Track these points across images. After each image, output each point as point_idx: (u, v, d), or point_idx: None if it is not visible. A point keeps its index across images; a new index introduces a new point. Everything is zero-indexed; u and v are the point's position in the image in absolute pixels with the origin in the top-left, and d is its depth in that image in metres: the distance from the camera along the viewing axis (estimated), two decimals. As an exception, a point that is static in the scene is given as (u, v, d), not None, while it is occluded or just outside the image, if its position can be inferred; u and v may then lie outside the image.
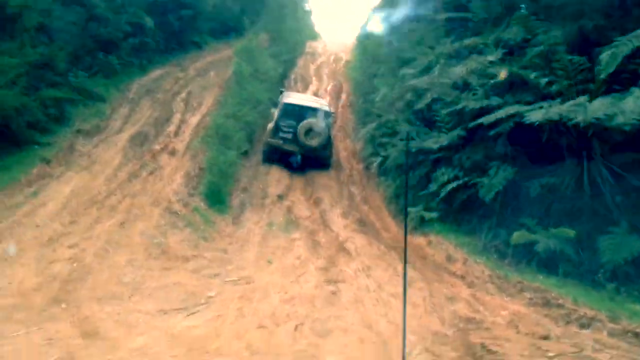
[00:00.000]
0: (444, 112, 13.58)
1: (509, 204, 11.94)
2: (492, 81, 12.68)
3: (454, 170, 12.65)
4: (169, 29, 22.74)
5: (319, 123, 14.94)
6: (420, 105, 14.51)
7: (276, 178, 15.07)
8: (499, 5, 15.77)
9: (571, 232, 10.50)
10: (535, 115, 10.33)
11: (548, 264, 10.52)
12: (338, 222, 12.77)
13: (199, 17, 24.69)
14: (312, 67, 26.49)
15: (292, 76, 25.09)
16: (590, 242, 10.54)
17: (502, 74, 12.21)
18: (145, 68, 20.71)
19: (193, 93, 19.73)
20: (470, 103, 12.26)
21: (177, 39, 23.43)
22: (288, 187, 14.56)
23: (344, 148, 18.75)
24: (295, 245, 10.87)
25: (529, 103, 11.48)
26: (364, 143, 17.24)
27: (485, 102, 12.13)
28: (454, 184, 12.17)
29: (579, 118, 9.85)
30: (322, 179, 15.43)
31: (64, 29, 16.38)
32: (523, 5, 13.35)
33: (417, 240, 11.80)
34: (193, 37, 24.61)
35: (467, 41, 14.81)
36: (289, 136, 14.78)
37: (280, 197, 13.81)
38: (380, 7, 25.34)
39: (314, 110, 15.26)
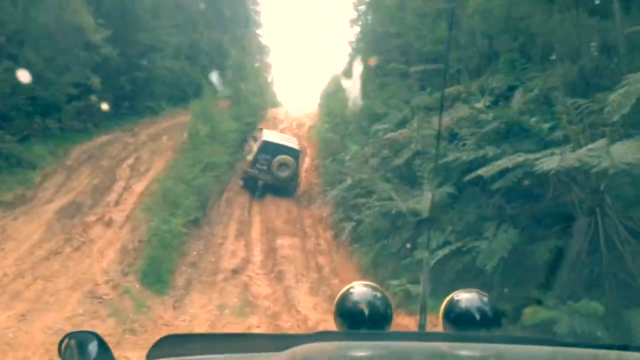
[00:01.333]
0: (428, 167, 11.38)
1: (511, 272, 9.61)
2: (483, 129, 10.64)
3: (443, 234, 10.28)
4: (120, 92, 20.41)
5: (289, 159, 16.49)
6: (399, 161, 12.34)
7: (231, 250, 12.45)
8: (476, 55, 14.28)
9: (599, 308, 8.16)
10: (549, 163, 8.15)
11: (572, 349, 8.09)
12: (305, 301, 10.13)
13: (155, 80, 22.49)
14: (275, 132, 24.36)
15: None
16: (618, 319, 8.30)
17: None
18: (90, 133, 18.21)
19: (142, 158, 17.26)
20: (463, 155, 10.06)
21: (129, 102, 21.11)
22: (245, 260, 11.93)
23: (309, 215, 16.28)
24: (252, 335, 8.19)
25: (530, 152, 9.44)
26: (333, 207, 14.84)
27: (480, 153, 9.96)
28: (445, 250, 9.76)
29: (604, 164, 7.75)
30: (285, 250, 12.84)
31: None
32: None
33: (404, 321, 9.23)
34: (147, 101, 22.32)
35: (449, 90, 12.95)
36: (265, 167, 16.33)
37: (235, 272, 11.17)
38: (347, 68, 23.80)
39: (286, 148, 16.77)
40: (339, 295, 2.16)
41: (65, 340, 1.91)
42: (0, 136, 14.06)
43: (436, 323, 2.43)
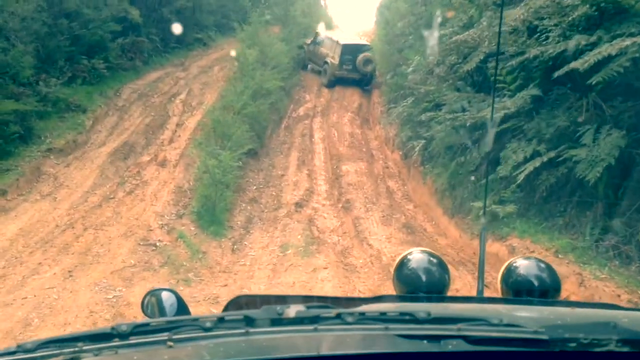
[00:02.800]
0: (504, 69, 9.61)
1: (619, 182, 7.96)
2: (570, 17, 8.70)
3: (530, 144, 8.66)
4: (166, 25, 19.10)
5: (370, 55, 18.14)
6: (469, 66, 10.53)
7: (293, 181, 11.26)
8: None
9: None
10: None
11: None
12: (378, 233, 8.88)
13: (200, 10, 21.04)
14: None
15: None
16: None
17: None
18: (139, 70, 17.15)
19: (194, 92, 16.15)
20: (549, 48, 8.27)
21: (176, 36, 19.79)
22: (309, 191, 10.73)
23: (374, 136, 14.85)
24: (320, 277, 7.04)
25: (632, 36, 7.58)
26: (399, 126, 13.29)
27: (569, 44, 8.12)
28: (535, 163, 8.18)
29: None
30: (351, 176, 11.53)
31: (26, 29, 12.88)
32: None
33: (493, 247, 7.84)
34: (195, 33, 20.96)
35: (520, -22, 10.94)
36: (350, 67, 18.23)
37: (299, 205, 10.00)
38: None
39: (362, 46, 18.86)
40: (397, 261, 2.12)
41: (147, 298, 2.02)
42: (45, 80, 13.12)
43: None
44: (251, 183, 11.05)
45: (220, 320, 1.17)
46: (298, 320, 1.19)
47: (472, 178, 9.91)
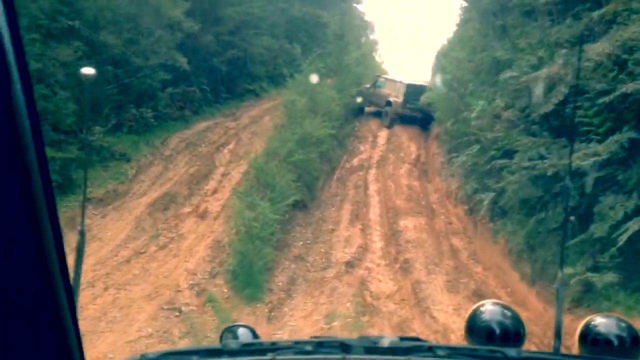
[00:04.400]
0: (590, 109, 8.12)
1: None
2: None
3: (630, 198, 7.04)
4: (217, 75, 18.55)
5: None
6: (546, 108, 9.08)
7: (345, 237, 9.86)
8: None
9: None
10: None
11: None
12: (443, 301, 7.33)
13: (252, 61, 20.43)
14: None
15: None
16: None
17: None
18: (188, 120, 16.45)
19: (242, 141, 15.22)
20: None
21: (228, 86, 19.18)
22: (362, 249, 9.30)
23: (434, 189, 13.36)
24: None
25: None
26: (462, 177, 11.80)
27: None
28: (640, 221, 6.54)
29: None
30: (410, 232, 10.03)
31: (68, 76, 12.29)
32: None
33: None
34: (247, 83, 20.30)
35: (601, 12, 9.70)
36: (413, 106, 18.68)
37: (350, 265, 8.56)
38: (461, 21, 20.49)
39: (425, 87, 18.95)
40: (469, 313, 1.98)
41: (225, 333, 2.15)
42: (88, 128, 12.45)
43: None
44: (298, 238, 9.73)
45: (319, 344, 1.29)
46: (392, 350, 1.24)
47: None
